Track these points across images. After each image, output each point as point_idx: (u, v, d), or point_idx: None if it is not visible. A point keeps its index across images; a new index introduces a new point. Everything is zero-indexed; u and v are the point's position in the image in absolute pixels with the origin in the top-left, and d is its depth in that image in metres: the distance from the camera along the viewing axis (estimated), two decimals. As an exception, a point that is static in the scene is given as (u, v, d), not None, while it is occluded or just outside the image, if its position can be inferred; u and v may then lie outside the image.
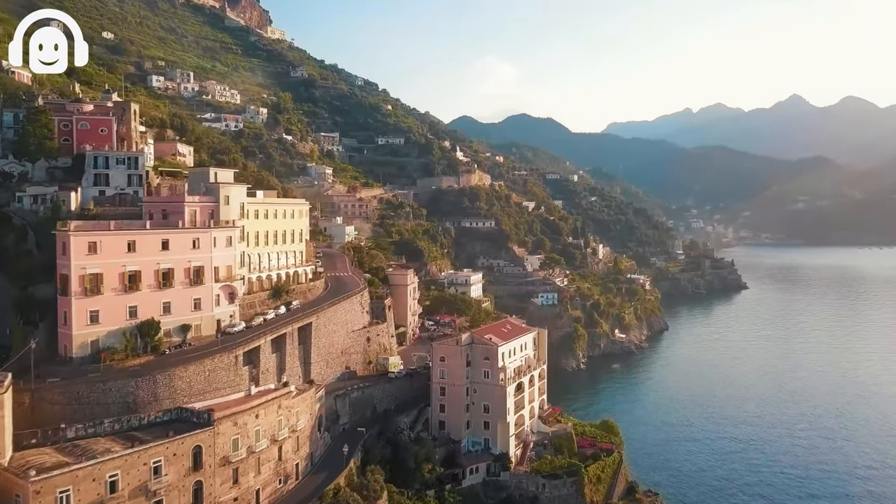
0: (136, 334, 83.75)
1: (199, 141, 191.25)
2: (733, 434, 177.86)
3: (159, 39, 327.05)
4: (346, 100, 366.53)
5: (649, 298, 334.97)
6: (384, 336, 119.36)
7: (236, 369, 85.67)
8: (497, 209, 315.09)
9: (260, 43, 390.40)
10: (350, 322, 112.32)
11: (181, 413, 73.26)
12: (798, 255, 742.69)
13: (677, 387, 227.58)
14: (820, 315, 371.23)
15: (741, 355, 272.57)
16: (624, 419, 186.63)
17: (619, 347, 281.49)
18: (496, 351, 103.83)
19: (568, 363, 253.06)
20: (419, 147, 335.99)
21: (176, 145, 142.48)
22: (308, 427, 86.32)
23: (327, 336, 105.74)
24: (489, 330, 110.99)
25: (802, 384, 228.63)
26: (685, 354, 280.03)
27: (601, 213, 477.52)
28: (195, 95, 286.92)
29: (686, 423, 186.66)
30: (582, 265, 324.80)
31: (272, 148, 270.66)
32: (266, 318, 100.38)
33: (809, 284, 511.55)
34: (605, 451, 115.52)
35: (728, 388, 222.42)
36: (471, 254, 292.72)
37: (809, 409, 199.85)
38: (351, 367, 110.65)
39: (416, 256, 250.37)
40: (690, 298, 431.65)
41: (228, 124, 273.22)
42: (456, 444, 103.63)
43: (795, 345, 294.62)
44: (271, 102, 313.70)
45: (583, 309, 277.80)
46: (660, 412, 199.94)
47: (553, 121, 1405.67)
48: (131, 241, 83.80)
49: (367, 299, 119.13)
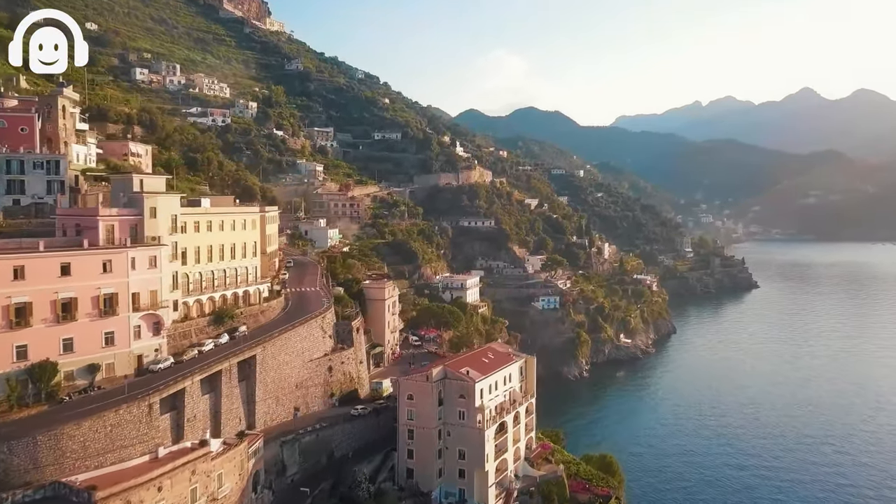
0: (27, 379, 67.98)
1: (170, 138, 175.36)
2: (745, 458, 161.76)
3: (147, 30, 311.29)
4: (342, 93, 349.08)
5: (656, 300, 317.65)
6: (350, 363, 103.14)
7: (150, 420, 69.61)
8: (497, 207, 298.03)
9: (255, 35, 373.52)
10: (308, 350, 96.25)
11: (57, 489, 57.35)
12: (809, 252, 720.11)
13: (685, 400, 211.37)
14: (834, 316, 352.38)
15: (752, 362, 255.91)
16: (626, 439, 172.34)
17: (625, 353, 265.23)
18: (473, 388, 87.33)
19: (570, 371, 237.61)
20: (417, 142, 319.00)
21: (128, 144, 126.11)
22: (237, 491, 70.46)
23: (277, 369, 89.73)
24: (467, 361, 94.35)
25: (818, 395, 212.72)
26: (693, 361, 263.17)
27: (607, 210, 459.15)
28: (181, 89, 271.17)
29: (694, 446, 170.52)
30: (586, 265, 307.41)
31: (261, 144, 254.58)
32: (202, 349, 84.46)
33: (822, 283, 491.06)
34: (602, 497, 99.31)
35: (739, 402, 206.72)
36: (469, 255, 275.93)
37: (828, 426, 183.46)
38: (308, 402, 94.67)
39: (410, 259, 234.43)
40: (699, 298, 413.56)
41: (215, 119, 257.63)
42: (426, 497, 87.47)
43: (808, 350, 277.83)
44: (263, 96, 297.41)
45: (586, 313, 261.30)
46: (665, 430, 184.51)
47: (561, 114, 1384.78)
48: (18, 266, 67.86)
49: (330, 321, 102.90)
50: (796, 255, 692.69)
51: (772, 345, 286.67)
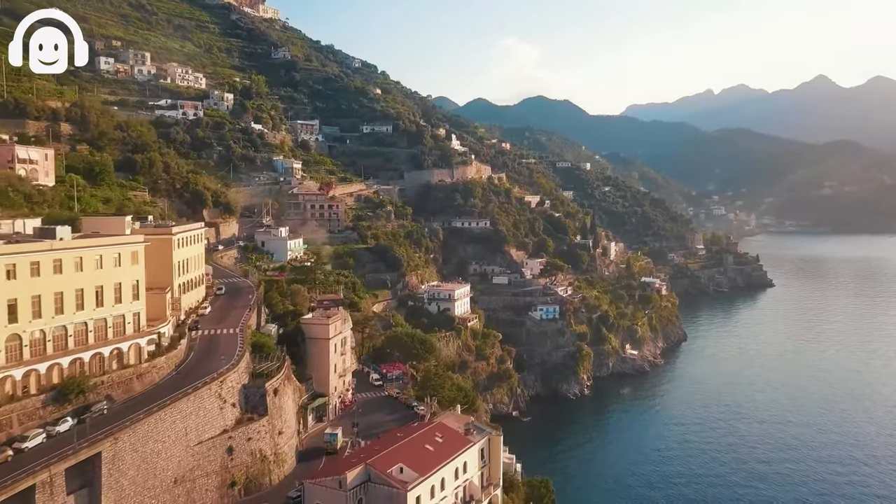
0: None
1: (105, 136, 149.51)
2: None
3: (121, 17, 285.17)
4: (330, 83, 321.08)
5: (665, 305, 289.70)
6: (262, 438, 77.43)
7: None
8: (494, 206, 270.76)
9: (241, 22, 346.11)
10: (195, 428, 70.75)
11: None
12: (825, 245, 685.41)
13: (694, 422, 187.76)
14: (855, 320, 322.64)
15: (768, 375, 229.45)
16: (627, 471, 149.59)
17: (630, 366, 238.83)
18: (405, 497, 61.49)
19: (570, 389, 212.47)
20: (409, 136, 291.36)
21: (14, 149, 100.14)
22: None
23: (142, 464, 64.28)
24: (404, 450, 67.95)
25: (843, 415, 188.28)
26: (704, 374, 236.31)
27: (615, 205, 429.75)
28: (151, 79, 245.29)
29: (702, 480, 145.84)
30: (590, 269, 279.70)
31: (234, 139, 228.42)
32: (26, 446, 59.16)
33: (840, 281, 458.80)
34: None
35: (756, 424, 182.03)
36: (462, 259, 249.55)
37: (857, 456, 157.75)
38: (195, 500, 69.20)
39: (394, 265, 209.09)
40: (712, 298, 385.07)
41: (186, 112, 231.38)
42: None
43: (831, 359, 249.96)
44: (242, 87, 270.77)
45: (588, 323, 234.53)
46: (672, 457, 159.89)
47: (570, 103, 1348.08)
48: None
49: (234, 385, 77.15)
50: (812, 249, 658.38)
51: (790, 355, 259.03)
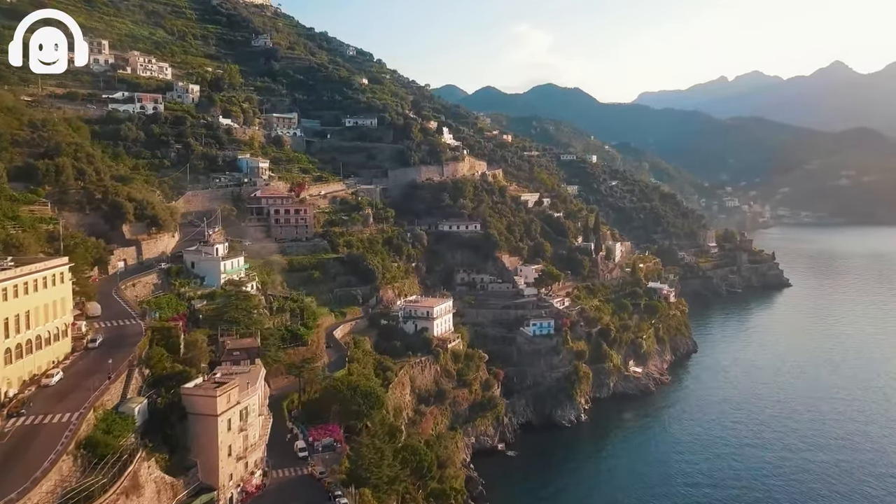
0: None
1: (2, 138, 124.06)
2: None
3: (86, 1, 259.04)
4: (312, 73, 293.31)
5: (674, 314, 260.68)
6: None
7: None
8: (486, 207, 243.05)
9: (221, 7, 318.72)
10: None
11: None
12: (844, 238, 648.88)
13: (701, 456, 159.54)
14: (880, 325, 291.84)
15: (786, 396, 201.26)
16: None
17: (633, 386, 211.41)
18: None
19: (564, 415, 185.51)
20: (396, 129, 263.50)
21: None
22: None
23: None
24: None
25: (880, 442, 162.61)
26: (715, 393, 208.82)
27: (622, 201, 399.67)
28: (108, 70, 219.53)
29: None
30: (591, 275, 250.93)
31: (196, 136, 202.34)
32: None
33: (861, 280, 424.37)
34: None
35: (769, 460, 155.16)
36: (449, 266, 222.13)
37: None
38: None
39: (367, 278, 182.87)
40: (724, 300, 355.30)
41: (144, 106, 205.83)
42: None
43: (853, 374, 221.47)
44: (212, 77, 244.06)
45: (587, 338, 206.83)
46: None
47: (580, 91, 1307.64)
48: None
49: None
50: (830, 242, 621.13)
51: (810, 368, 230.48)
